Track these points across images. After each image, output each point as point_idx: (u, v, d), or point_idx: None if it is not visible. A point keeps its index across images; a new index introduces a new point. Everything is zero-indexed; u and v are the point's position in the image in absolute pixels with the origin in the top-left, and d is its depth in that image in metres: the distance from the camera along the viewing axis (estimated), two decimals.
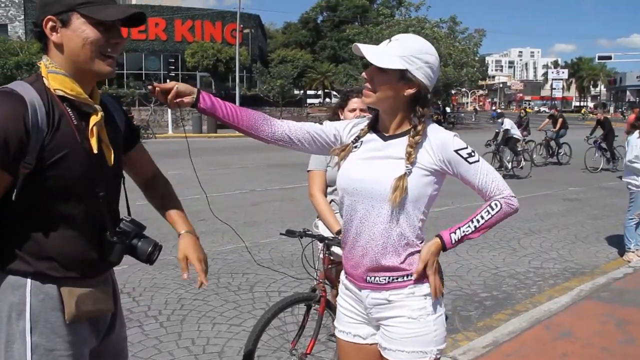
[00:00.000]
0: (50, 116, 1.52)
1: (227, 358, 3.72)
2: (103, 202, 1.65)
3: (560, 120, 16.14)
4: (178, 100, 1.78)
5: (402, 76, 1.79)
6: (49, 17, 1.54)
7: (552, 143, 16.33)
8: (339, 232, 2.64)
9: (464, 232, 1.87)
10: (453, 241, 1.87)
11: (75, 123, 1.58)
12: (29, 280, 1.56)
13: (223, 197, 9.58)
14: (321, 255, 3.03)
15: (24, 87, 1.53)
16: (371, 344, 2.00)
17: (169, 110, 28.73)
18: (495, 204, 1.86)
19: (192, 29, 38.71)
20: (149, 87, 1.78)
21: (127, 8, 1.63)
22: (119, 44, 1.61)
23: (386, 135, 1.90)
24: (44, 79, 1.58)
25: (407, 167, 1.81)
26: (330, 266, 2.99)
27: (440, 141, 1.85)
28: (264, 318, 2.85)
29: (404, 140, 1.85)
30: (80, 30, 1.55)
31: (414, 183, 1.81)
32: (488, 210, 1.87)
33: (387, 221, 1.84)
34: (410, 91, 1.81)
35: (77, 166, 1.56)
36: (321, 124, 2.05)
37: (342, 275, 2.07)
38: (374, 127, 1.95)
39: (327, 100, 52.45)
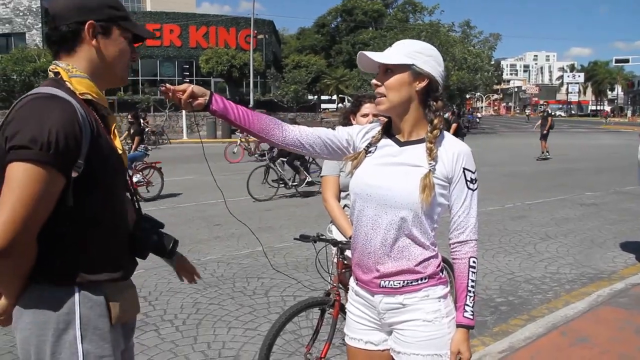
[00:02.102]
0: (88, 119, 1.51)
1: None
2: (132, 200, 1.77)
3: None
4: (191, 101, 1.81)
5: (411, 70, 1.82)
6: (92, 22, 1.57)
7: None
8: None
9: (471, 301, 1.89)
10: (471, 315, 1.89)
11: (102, 125, 1.61)
12: (76, 289, 1.54)
13: (237, 202, 9.62)
14: (335, 260, 3.04)
15: (59, 92, 1.50)
16: (383, 350, 1.99)
17: (184, 116, 29.00)
18: (474, 261, 1.90)
19: (207, 35, 39.08)
20: (162, 87, 1.83)
21: (151, 31, 1.85)
22: (136, 57, 1.77)
23: (402, 140, 1.90)
24: (67, 83, 1.55)
25: (430, 163, 1.81)
26: (344, 270, 2.99)
27: (457, 153, 1.86)
28: (279, 322, 2.87)
29: (420, 148, 1.85)
30: (119, 42, 1.65)
31: None
32: (473, 272, 1.90)
33: (400, 227, 1.84)
34: (422, 84, 1.83)
35: (114, 166, 1.60)
36: (334, 129, 2.06)
37: (352, 282, 2.07)
38: (388, 132, 1.96)
39: (342, 105, 52.47)
